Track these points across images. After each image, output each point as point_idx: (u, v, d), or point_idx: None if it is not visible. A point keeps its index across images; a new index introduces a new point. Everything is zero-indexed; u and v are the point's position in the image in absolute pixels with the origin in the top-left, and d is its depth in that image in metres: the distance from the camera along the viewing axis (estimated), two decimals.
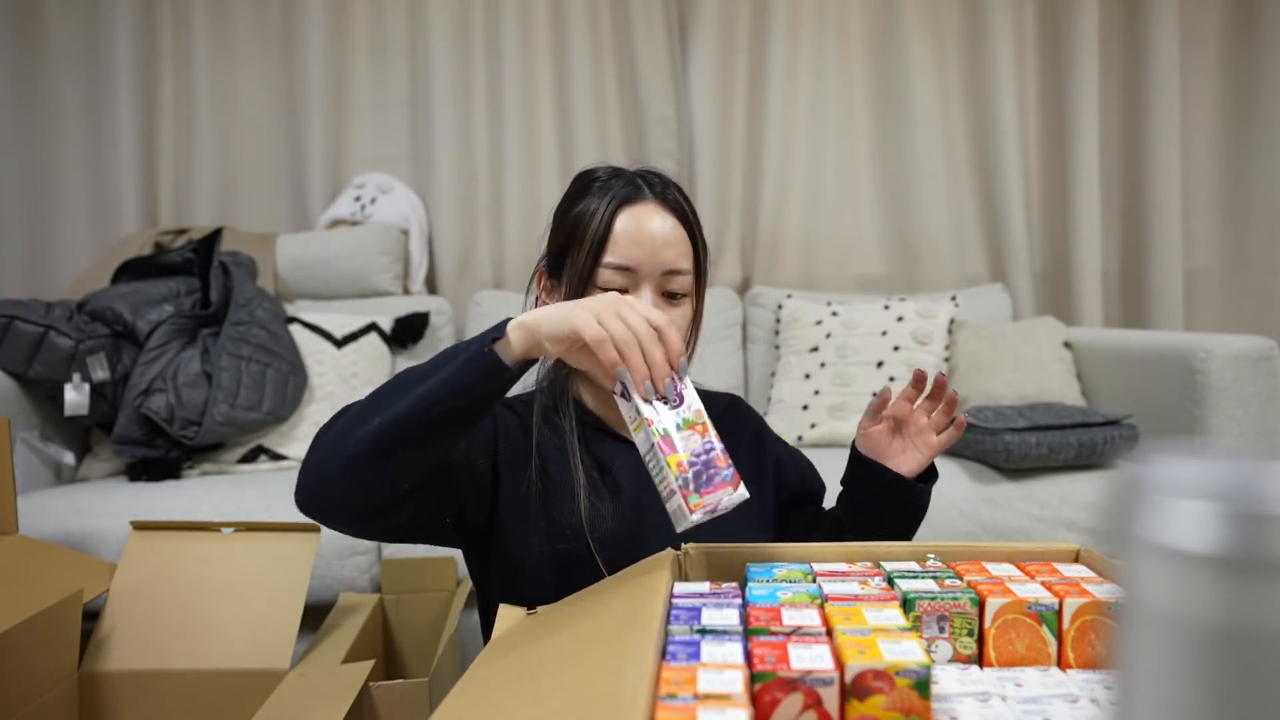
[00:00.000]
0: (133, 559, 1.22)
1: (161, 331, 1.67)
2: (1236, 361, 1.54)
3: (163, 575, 1.21)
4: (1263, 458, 0.20)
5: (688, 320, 0.83)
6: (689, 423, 0.66)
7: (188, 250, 1.84)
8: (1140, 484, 0.21)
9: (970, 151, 2.34)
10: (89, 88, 2.30)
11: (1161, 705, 0.20)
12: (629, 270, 0.79)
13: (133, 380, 1.63)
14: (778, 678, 0.47)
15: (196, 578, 1.21)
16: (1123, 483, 0.21)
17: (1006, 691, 0.52)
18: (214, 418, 1.62)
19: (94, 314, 1.67)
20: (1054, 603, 0.56)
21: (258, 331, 1.75)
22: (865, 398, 1.88)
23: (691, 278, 0.83)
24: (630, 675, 0.48)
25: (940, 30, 2.32)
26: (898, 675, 0.47)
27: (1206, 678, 0.19)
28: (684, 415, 0.66)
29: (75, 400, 1.60)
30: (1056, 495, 1.52)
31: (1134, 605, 0.21)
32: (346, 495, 0.70)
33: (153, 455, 1.62)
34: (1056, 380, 1.84)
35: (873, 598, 0.58)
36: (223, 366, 1.66)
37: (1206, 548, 0.19)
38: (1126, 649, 0.21)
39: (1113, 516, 0.21)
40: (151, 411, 1.59)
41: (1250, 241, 2.32)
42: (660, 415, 0.66)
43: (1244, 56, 2.31)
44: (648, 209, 0.81)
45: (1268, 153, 2.28)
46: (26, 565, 1.18)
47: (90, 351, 1.61)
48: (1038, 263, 2.36)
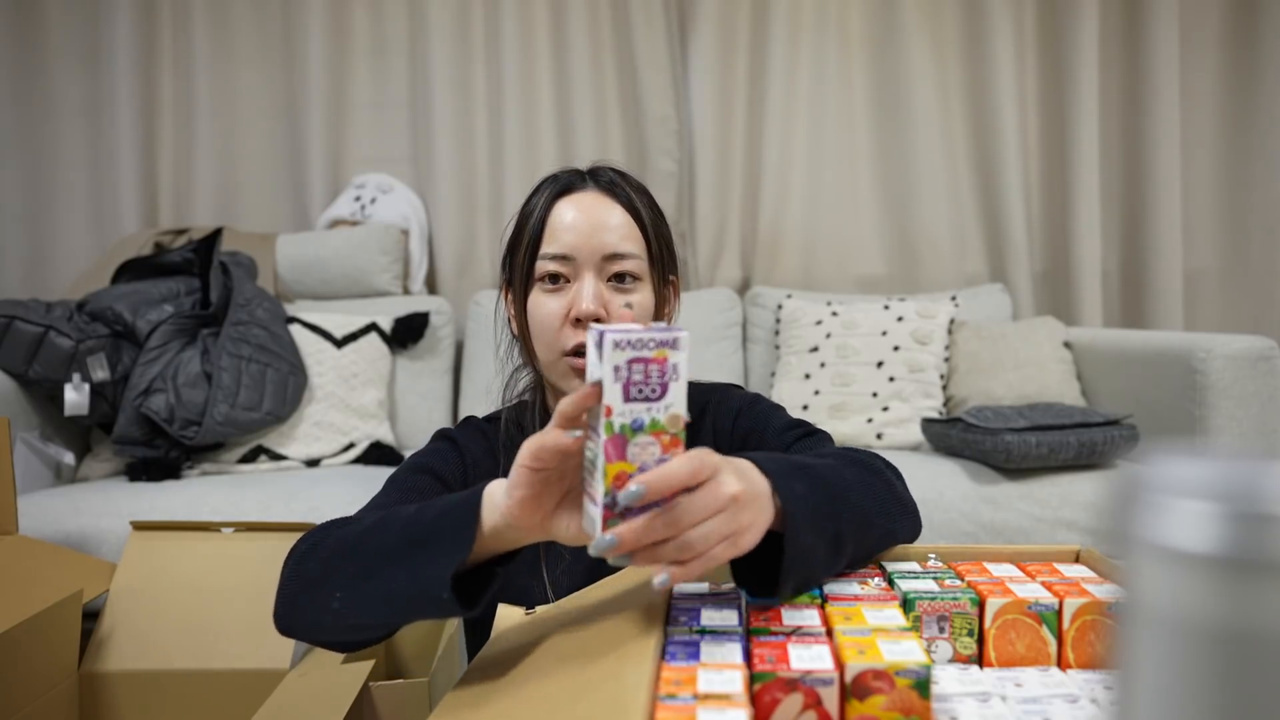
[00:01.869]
0: (133, 559, 1.23)
1: (161, 331, 1.67)
2: (1236, 361, 1.54)
3: (163, 575, 1.21)
4: (1262, 458, 0.20)
5: (643, 309, 0.78)
6: (656, 427, 0.51)
7: (188, 250, 1.84)
8: (1140, 484, 0.21)
9: (970, 151, 2.34)
10: (89, 88, 2.30)
11: (1161, 705, 0.20)
12: (566, 258, 0.76)
13: (133, 380, 1.63)
14: (778, 678, 0.47)
15: (196, 578, 1.21)
16: (1122, 482, 0.21)
17: (1006, 691, 0.52)
18: (214, 418, 1.62)
19: (94, 314, 1.67)
20: (1054, 603, 0.56)
21: (258, 331, 1.75)
22: (865, 398, 1.88)
23: (643, 263, 0.78)
24: (630, 675, 0.48)
25: (940, 30, 2.32)
26: (898, 675, 0.47)
27: (1205, 677, 0.19)
28: (654, 415, 0.50)
29: (75, 400, 1.60)
30: (1056, 495, 1.52)
31: (1133, 605, 0.21)
32: (321, 643, 0.69)
33: (153, 455, 1.62)
34: (1056, 380, 1.84)
35: (873, 598, 0.58)
36: (223, 366, 1.66)
37: (1206, 548, 0.19)
38: (1126, 649, 0.21)
39: (1112, 516, 0.21)
40: (151, 411, 1.59)
41: (1250, 242, 2.32)
42: (625, 405, 0.50)
43: (1244, 57, 2.31)
44: (586, 196, 0.78)
45: (1267, 153, 2.28)
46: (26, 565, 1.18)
47: (90, 351, 1.61)
48: (1038, 263, 2.36)
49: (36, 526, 1.39)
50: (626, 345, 0.50)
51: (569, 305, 0.76)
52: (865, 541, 0.63)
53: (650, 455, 0.51)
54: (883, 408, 1.86)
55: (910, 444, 1.81)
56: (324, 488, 1.53)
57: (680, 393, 0.51)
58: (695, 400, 0.86)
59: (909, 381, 1.88)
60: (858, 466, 0.66)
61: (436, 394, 2.04)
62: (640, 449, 0.51)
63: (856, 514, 0.61)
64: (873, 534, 0.64)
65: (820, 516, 0.57)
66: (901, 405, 1.86)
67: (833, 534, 0.58)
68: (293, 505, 1.47)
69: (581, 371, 0.76)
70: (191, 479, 1.63)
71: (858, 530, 0.61)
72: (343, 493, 1.52)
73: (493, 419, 0.87)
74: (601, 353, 0.50)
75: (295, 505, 1.47)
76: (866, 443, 1.81)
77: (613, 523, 0.50)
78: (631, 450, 0.51)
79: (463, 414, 2.04)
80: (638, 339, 0.50)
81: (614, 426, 0.50)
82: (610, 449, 0.50)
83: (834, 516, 0.58)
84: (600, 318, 0.75)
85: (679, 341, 0.51)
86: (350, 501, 1.48)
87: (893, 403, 1.87)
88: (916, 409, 1.85)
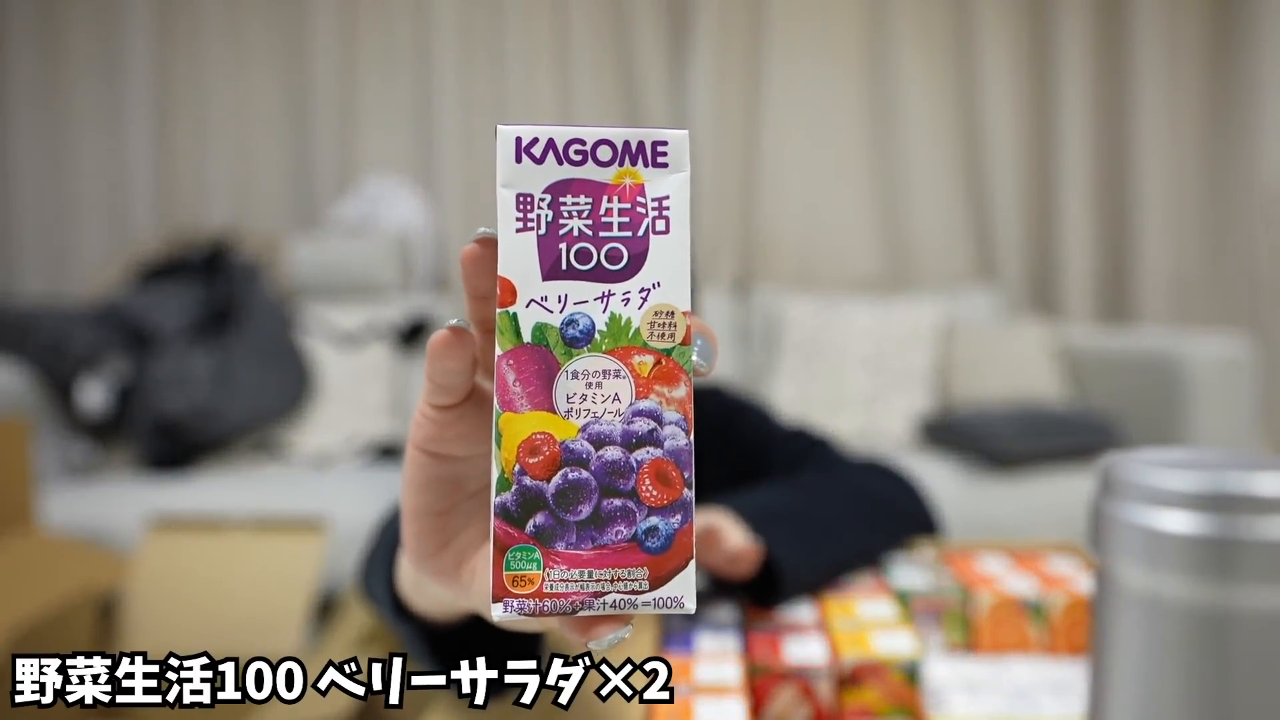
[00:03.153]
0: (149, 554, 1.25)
1: (175, 332, 1.70)
2: (1219, 362, 1.56)
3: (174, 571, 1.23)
4: (1239, 449, 0.20)
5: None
6: (620, 336, 0.25)
7: (201, 253, 1.86)
8: (1119, 468, 0.21)
9: (960, 156, 2.36)
10: (107, 97, 2.34)
11: (1137, 685, 0.20)
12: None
13: (148, 380, 1.66)
14: (772, 670, 0.48)
15: (205, 574, 1.23)
16: (1104, 470, 0.22)
17: (998, 683, 0.53)
18: (225, 417, 1.64)
19: (110, 315, 1.70)
20: (1045, 597, 0.57)
21: (268, 332, 1.78)
22: (858, 397, 1.89)
23: None
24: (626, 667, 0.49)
25: (931, 38, 2.35)
26: (890, 668, 0.48)
27: (1181, 657, 0.20)
28: (614, 308, 0.25)
29: (92, 400, 1.62)
30: (1045, 493, 1.53)
31: (1111, 585, 0.21)
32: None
33: (165, 454, 1.64)
34: (1045, 381, 1.84)
35: (866, 590, 0.59)
36: (234, 366, 1.69)
37: (1183, 529, 0.19)
38: (1103, 630, 0.21)
39: (1094, 502, 0.22)
40: (165, 411, 1.62)
41: (1233, 244, 2.33)
42: (548, 285, 0.24)
43: (1226, 62, 2.32)
44: None
45: (1249, 157, 2.29)
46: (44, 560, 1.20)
47: (107, 352, 1.64)
48: (1026, 265, 2.38)
49: (53, 523, 1.42)
50: (550, 151, 0.25)
51: None
52: (866, 561, 0.65)
53: (609, 401, 0.25)
54: (875, 406, 1.88)
55: (902, 442, 1.82)
56: (331, 486, 1.55)
57: (674, 263, 0.25)
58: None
59: (901, 381, 1.89)
60: (855, 496, 0.67)
61: None
62: (586, 385, 0.25)
63: (850, 543, 0.63)
64: (874, 553, 0.66)
65: (810, 558, 0.58)
66: (893, 404, 1.87)
67: (833, 565, 0.61)
68: (301, 503, 1.49)
69: None
70: (204, 476, 1.65)
71: (856, 557, 0.63)
72: (350, 491, 1.54)
73: None
74: (501, 169, 0.25)
75: (303, 503, 1.49)
76: (858, 442, 1.82)
77: (520, 553, 0.24)
78: (565, 387, 0.25)
79: None
80: (577, 140, 0.25)
81: (519, 326, 0.25)
82: (514, 382, 0.25)
83: (826, 552, 0.60)
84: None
85: (668, 150, 0.26)
86: (358, 500, 1.50)
87: (885, 402, 1.88)
88: (908, 408, 1.87)
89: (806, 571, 0.58)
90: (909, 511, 0.70)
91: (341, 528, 1.43)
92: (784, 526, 0.59)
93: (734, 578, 0.56)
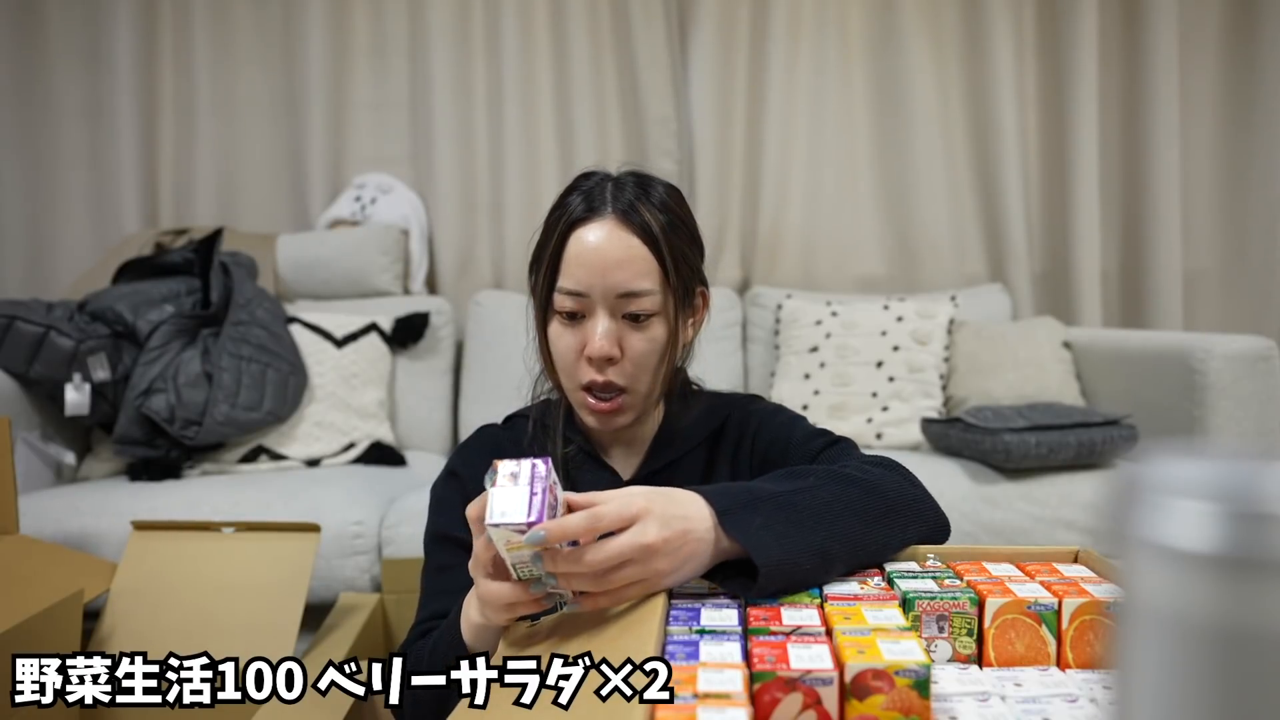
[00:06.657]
0: (133, 559, 1.23)
1: (162, 332, 1.67)
2: (1235, 361, 1.54)
3: (163, 575, 1.21)
4: (1261, 458, 0.20)
5: (657, 344, 0.78)
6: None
7: (188, 250, 1.84)
8: (1139, 483, 0.21)
9: (970, 151, 2.34)
10: (90, 88, 2.30)
11: (1160, 704, 0.20)
12: (581, 295, 0.76)
13: (133, 380, 1.63)
14: (777, 677, 0.47)
15: (197, 577, 1.21)
16: (1121, 482, 0.21)
17: (1006, 691, 0.52)
18: (214, 418, 1.62)
19: (95, 314, 1.67)
20: (1053, 602, 0.57)
21: (258, 331, 1.75)
22: (865, 398, 1.88)
23: (659, 297, 0.77)
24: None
25: (940, 30, 2.32)
26: (897, 675, 0.47)
27: (1204, 677, 0.19)
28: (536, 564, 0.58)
29: (76, 400, 1.60)
30: (1056, 495, 1.52)
31: (1132, 604, 0.21)
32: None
33: (153, 455, 1.62)
34: (1056, 380, 1.84)
35: (872, 597, 0.58)
36: (223, 366, 1.67)
37: (1205, 547, 0.19)
38: (1125, 648, 0.21)
39: (1111, 516, 0.21)
40: (152, 411, 1.60)
41: (1249, 241, 2.33)
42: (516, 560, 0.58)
43: (1243, 57, 2.31)
44: (602, 227, 0.76)
45: (1267, 153, 2.28)
46: (27, 565, 1.18)
47: (91, 351, 1.61)
48: (1037, 263, 2.36)
49: (37, 526, 1.39)
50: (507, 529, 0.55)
51: (584, 341, 0.77)
52: (859, 552, 0.64)
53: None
54: (882, 408, 1.86)
55: (910, 444, 1.81)
56: (324, 488, 1.53)
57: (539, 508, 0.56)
58: (715, 413, 0.88)
59: (908, 381, 1.88)
60: (844, 482, 0.66)
61: (436, 394, 2.04)
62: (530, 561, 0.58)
63: (838, 530, 0.63)
64: (868, 545, 0.65)
65: (788, 542, 0.59)
66: (901, 405, 1.86)
67: (815, 551, 0.61)
68: (293, 505, 1.47)
69: (593, 410, 0.79)
70: (192, 479, 1.63)
71: (844, 545, 0.63)
72: (343, 493, 1.52)
73: (517, 417, 0.89)
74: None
75: (296, 505, 1.47)
76: (866, 443, 1.81)
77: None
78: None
79: (463, 413, 2.06)
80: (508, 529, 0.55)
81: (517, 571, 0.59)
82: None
83: (806, 537, 0.61)
84: (613, 358, 0.77)
85: (533, 528, 0.55)
86: (350, 501, 1.48)
87: (892, 403, 1.87)
88: (916, 409, 1.86)
89: (778, 552, 0.58)
90: (911, 506, 0.69)
91: (332, 529, 1.42)
92: (761, 509, 0.61)
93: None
